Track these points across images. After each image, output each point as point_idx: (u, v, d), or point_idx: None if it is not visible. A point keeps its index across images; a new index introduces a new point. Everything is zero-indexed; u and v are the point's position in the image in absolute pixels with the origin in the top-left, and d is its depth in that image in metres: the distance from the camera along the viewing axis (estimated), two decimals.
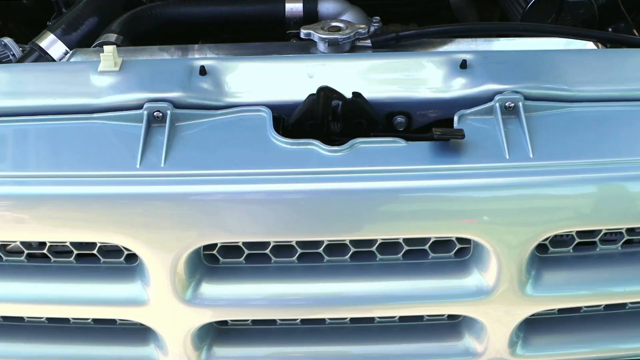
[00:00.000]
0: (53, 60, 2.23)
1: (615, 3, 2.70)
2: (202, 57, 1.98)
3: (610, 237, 1.86)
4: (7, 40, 2.31)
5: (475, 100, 1.79)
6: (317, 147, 1.68)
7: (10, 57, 2.30)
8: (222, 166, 1.67)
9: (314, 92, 1.74)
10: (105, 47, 1.87)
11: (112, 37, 2.17)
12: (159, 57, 2.06)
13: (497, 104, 1.75)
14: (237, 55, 2.02)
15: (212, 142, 1.72)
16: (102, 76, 1.84)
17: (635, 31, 2.68)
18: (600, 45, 2.10)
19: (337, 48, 1.96)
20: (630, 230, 1.84)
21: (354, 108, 1.74)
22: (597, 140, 1.75)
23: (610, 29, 2.52)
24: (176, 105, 1.75)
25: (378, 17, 2.25)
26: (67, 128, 1.77)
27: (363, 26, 1.98)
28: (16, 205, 1.71)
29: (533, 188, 1.68)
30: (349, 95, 1.75)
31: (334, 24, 1.99)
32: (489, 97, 1.78)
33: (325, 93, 1.72)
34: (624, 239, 1.85)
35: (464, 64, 1.83)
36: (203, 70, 1.82)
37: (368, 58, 1.92)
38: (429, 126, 1.81)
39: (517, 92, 1.77)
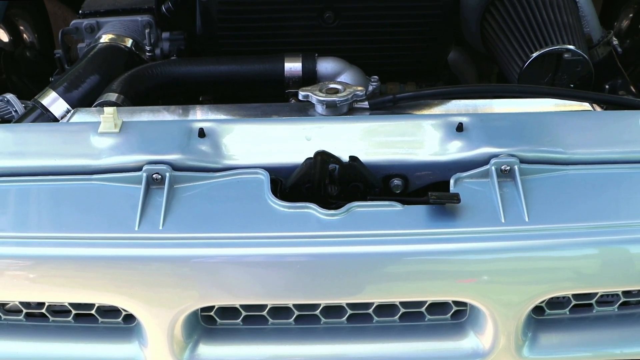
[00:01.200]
0: (55, 117, 2.25)
1: (612, 59, 2.74)
2: (201, 118, 2.00)
3: (607, 298, 1.86)
4: (10, 96, 2.35)
5: (471, 163, 1.80)
6: (314, 210, 1.70)
7: (13, 113, 2.33)
8: (220, 229, 1.69)
9: (312, 155, 1.76)
10: (106, 109, 1.90)
11: (113, 96, 2.19)
12: (158, 116, 2.08)
13: (493, 168, 1.77)
14: (236, 117, 2.05)
15: (210, 205, 1.74)
16: (102, 137, 1.87)
17: (632, 87, 2.72)
18: (596, 106, 2.12)
19: (335, 110, 1.98)
20: (627, 293, 1.84)
21: (351, 172, 1.76)
22: (593, 203, 1.76)
23: (607, 86, 2.55)
24: (175, 167, 1.77)
25: (376, 77, 2.27)
26: (67, 189, 1.79)
27: (360, 88, 2.00)
28: (16, 265, 1.72)
29: (528, 252, 1.69)
30: (346, 158, 1.77)
31: (331, 85, 2.02)
32: (484, 160, 1.80)
33: (323, 157, 1.74)
34: (620, 301, 1.86)
35: (460, 127, 1.85)
36: (202, 133, 1.84)
37: (365, 121, 1.95)
38: (425, 189, 1.82)
39: (512, 156, 1.79)
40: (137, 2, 2.66)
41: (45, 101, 2.29)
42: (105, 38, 2.54)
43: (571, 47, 2.34)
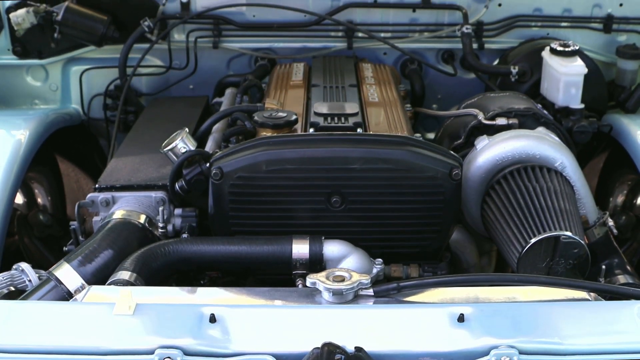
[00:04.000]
0: (69, 291, 2.32)
1: (608, 239, 2.83)
2: (212, 303, 2.07)
3: None
4: (25, 265, 2.42)
5: (472, 353, 1.87)
6: None
7: (27, 282, 2.40)
8: None
9: (318, 345, 1.82)
10: (121, 291, 1.97)
11: (126, 274, 2.26)
12: (171, 297, 2.15)
13: (493, 359, 1.83)
14: (246, 303, 2.12)
15: None
16: (116, 319, 1.93)
17: (628, 267, 2.80)
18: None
19: (341, 297, 2.06)
20: None
21: None
22: None
23: (603, 266, 2.63)
24: (186, 352, 1.83)
25: (380, 260, 2.37)
26: None
27: (366, 277, 2.08)
28: None
29: None
30: (351, 348, 1.84)
31: (338, 273, 2.10)
32: (485, 351, 1.86)
33: (329, 348, 1.80)
34: None
35: (461, 318, 1.93)
36: (213, 318, 1.91)
37: (370, 309, 2.03)
38: None
39: (512, 347, 1.85)
40: (152, 179, 2.77)
41: (60, 274, 2.36)
42: (119, 213, 2.64)
43: (568, 233, 2.44)
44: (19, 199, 3.58)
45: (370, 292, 2.09)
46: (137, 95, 3.85)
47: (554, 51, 3.38)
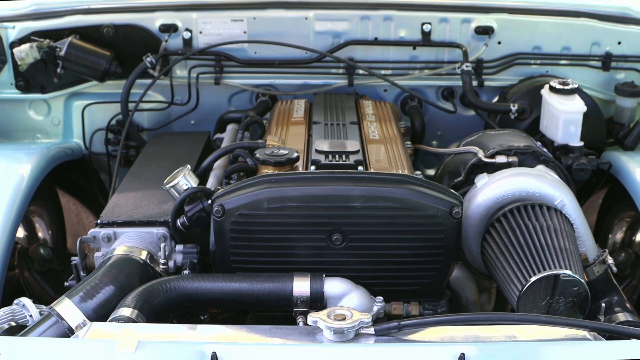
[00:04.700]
0: (69, 327, 2.32)
1: (608, 277, 2.84)
2: (213, 341, 2.07)
3: None
4: (26, 300, 2.42)
5: None
6: None
7: (28, 317, 2.40)
8: None
9: None
10: (123, 328, 1.98)
11: (128, 311, 2.27)
12: (173, 335, 2.15)
13: None
14: (247, 341, 2.12)
15: None
16: (118, 356, 1.93)
17: (628, 304, 2.80)
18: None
19: (342, 336, 2.06)
20: None
21: None
22: None
23: (602, 303, 2.64)
24: None
25: (381, 298, 2.38)
26: None
27: (367, 315, 2.09)
28: None
29: None
30: None
31: (339, 312, 2.11)
32: None
33: None
34: None
35: (462, 357, 1.93)
36: (215, 357, 1.91)
37: (371, 347, 2.03)
38: None
39: None
40: (153, 215, 2.78)
41: (61, 309, 2.36)
42: (121, 249, 2.64)
43: (568, 271, 2.45)
44: (20, 232, 3.59)
45: (371, 330, 2.10)
46: (138, 130, 3.87)
47: (553, 89, 3.41)
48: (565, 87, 3.39)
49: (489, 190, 2.76)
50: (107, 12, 3.71)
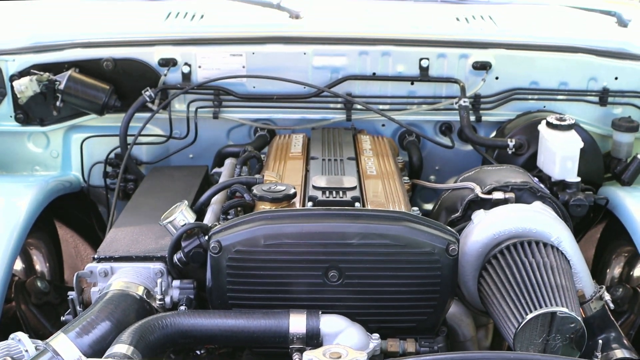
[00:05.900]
0: None
1: (605, 313, 2.84)
2: None
3: None
4: (22, 335, 2.41)
5: None
6: None
7: (24, 352, 2.39)
8: None
9: None
10: None
11: (124, 347, 2.26)
12: None
13: None
14: None
15: None
16: None
17: (625, 341, 2.80)
18: None
19: None
20: None
21: None
22: None
23: (600, 340, 2.63)
24: None
25: (377, 335, 2.38)
26: None
27: (362, 354, 2.10)
28: None
29: None
30: None
31: (334, 350, 2.11)
32: None
33: None
34: None
35: None
36: None
37: None
38: None
39: None
40: (150, 250, 2.78)
41: (57, 345, 2.34)
42: (117, 284, 2.63)
43: (564, 309, 2.45)
44: (17, 265, 3.59)
45: None
46: (137, 164, 3.88)
47: (550, 125, 3.42)
48: (562, 123, 3.40)
49: (485, 227, 2.77)
50: (107, 46, 3.73)
